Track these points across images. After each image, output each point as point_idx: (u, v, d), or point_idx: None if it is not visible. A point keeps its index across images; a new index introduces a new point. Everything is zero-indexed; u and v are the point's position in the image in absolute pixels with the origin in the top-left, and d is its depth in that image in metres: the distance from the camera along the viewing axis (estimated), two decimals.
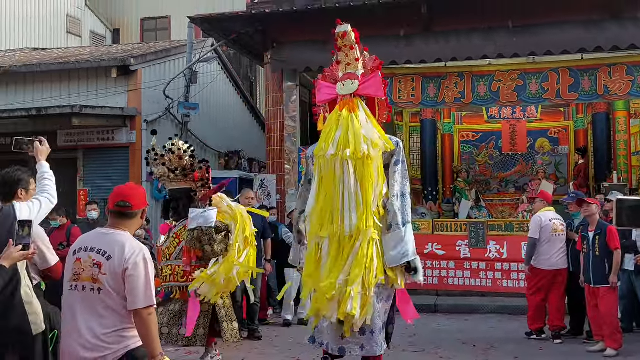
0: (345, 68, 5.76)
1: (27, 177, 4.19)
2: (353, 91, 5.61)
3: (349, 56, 5.77)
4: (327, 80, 5.87)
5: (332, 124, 5.57)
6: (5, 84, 12.89)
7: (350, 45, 5.75)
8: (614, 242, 7.14)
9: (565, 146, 14.71)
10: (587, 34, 10.61)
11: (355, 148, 5.33)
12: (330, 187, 5.40)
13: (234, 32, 12.22)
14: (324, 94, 5.86)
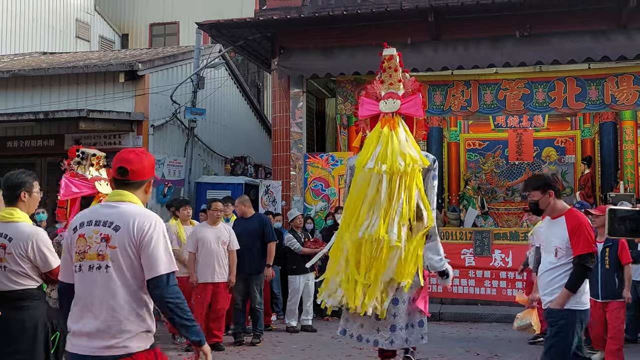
0: (387, 87, 6.37)
1: (30, 180, 4.18)
2: (395, 110, 6.23)
3: (393, 77, 6.39)
4: (370, 97, 6.49)
5: (373, 139, 6.19)
6: (14, 88, 12.98)
7: (395, 67, 6.38)
8: (626, 256, 6.75)
9: (572, 155, 14.66)
10: (594, 44, 10.61)
11: (392, 164, 5.92)
12: (360, 196, 6.00)
13: (242, 39, 12.27)
14: (367, 110, 6.46)
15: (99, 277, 2.92)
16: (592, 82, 11.33)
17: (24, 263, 3.94)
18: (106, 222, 2.98)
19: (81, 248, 2.98)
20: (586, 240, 4.47)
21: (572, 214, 4.62)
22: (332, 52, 11.69)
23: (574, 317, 4.47)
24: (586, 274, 4.49)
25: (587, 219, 4.75)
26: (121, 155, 3.16)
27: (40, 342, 3.96)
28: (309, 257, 9.44)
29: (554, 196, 4.62)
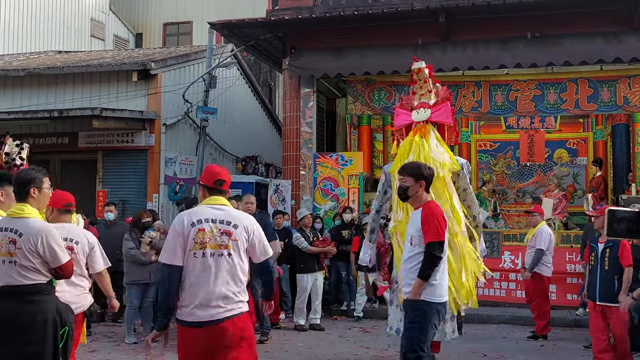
0: (419, 98, 7.01)
1: (40, 176, 4.23)
2: (426, 118, 6.84)
3: (423, 88, 7.04)
4: (404, 107, 7.14)
5: (406, 147, 6.83)
6: (29, 86, 13.14)
7: (424, 79, 7.04)
8: (626, 258, 6.42)
9: (584, 157, 14.59)
10: (606, 45, 10.56)
11: None
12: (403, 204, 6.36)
13: (253, 38, 12.35)
14: (401, 120, 7.12)
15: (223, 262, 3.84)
16: (604, 84, 11.27)
17: (34, 258, 4.00)
18: (223, 220, 3.91)
19: (201, 239, 3.82)
20: (435, 229, 4.54)
21: (428, 206, 4.70)
22: (343, 52, 11.73)
23: (429, 308, 4.51)
24: (435, 262, 4.53)
25: (441, 211, 4.73)
26: (214, 170, 4.10)
27: (49, 336, 4.01)
28: (317, 256, 9.54)
29: (423, 187, 4.70)
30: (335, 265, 10.68)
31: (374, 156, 14.57)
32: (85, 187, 12.73)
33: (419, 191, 4.72)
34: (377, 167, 14.56)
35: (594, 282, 6.52)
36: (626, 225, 1.82)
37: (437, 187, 6.47)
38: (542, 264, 8.72)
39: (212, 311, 3.74)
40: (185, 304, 3.78)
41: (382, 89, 12.22)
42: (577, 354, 7.78)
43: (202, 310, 3.74)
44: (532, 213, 9.34)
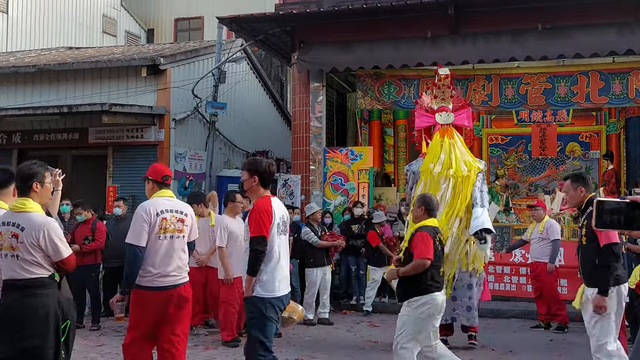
0: (440, 102, 7.62)
1: (42, 171, 4.25)
2: (450, 121, 7.46)
3: (445, 93, 7.68)
4: (425, 110, 7.71)
5: (436, 147, 7.40)
6: (40, 82, 13.23)
7: (448, 85, 7.72)
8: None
9: (596, 151, 14.44)
10: (618, 37, 10.42)
11: (457, 169, 7.19)
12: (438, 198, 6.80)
13: (262, 33, 12.33)
14: (423, 121, 7.71)
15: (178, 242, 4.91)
16: (615, 76, 11.13)
17: (36, 252, 4.02)
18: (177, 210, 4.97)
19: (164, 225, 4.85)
20: (257, 224, 4.51)
21: (257, 202, 4.68)
22: (352, 46, 11.67)
23: (262, 304, 4.50)
24: (257, 257, 4.51)
25: (267, 206, 4.60)
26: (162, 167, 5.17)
27: (51, 330, 4.02)
28: (327, 251, 9.53)
29: (257, 182, 4.66)
30: (345, 259, 10.68)
31: (385, 151, 14.52)
32: (95, 183, 12.81)
33: (253, 186, 4.69)
34: (388, 162, 14.53)
35: None
36: (615, 217, 1.78)
37: (464, 187, 7.14)
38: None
39: (171, 279, 4.83)
40: (150, 274, 4.76)
41: (392, 83, 12.17)
42: (586, 348, 7.68)
43: (164, 278, 4.80)
44: (536, 207, 9.49)
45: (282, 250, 4.69)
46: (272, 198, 4.73)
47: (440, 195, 7.09)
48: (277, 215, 4.62)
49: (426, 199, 5.64)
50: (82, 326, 8.44)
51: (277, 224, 4.62)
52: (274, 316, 4.56)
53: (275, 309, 4.57)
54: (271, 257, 4.58)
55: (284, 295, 4.64)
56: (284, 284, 4.67)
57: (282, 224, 4.70)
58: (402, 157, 14.33)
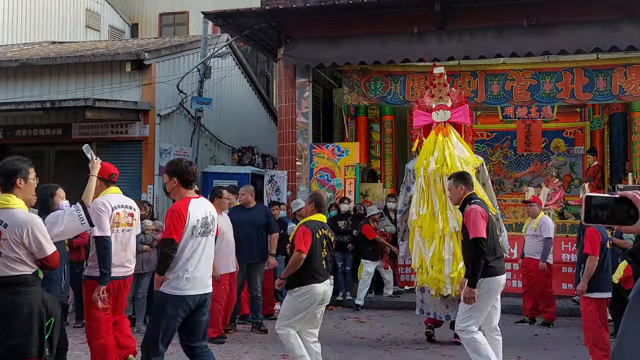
0: (437, 100, 7.73)
1: (26, 167, 4.19)
2: (446, 119, 7.55)
3: (442, 91, 7.77)
4: (421, 109, 7.84)
5: (430, 145, 7.51)
6: (23, 77, 13.06)
7: (444, 83, 7.83)
8: (588, 245, 6.23)
9: (580, 147, 14.57)
10: (603, 34, 10.48)
11: (451, 165, 7.21)
12: (429, 196, 7.33)
13: (247, 28, 12.27)
14: (421, 120, 7.82)
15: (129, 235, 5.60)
16: (600, 73, 11.21)
17: (19, 249, 3.97)
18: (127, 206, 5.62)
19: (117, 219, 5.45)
20: (167, 227, 4.63)
21: (173, 204, 4.77)
22: (338, 42, 11.65)
23: (164, 300, 4.60)
24: (164, 259, 4.62)
25: (181, 208, 4.62)
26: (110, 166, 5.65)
27: (35, 328, 3.98)
28: None
29: (178, 183, 4.70)
30: None
31: (371, 147, 14.52)
32: (79, 179, 12.58)
33: (175, 187, 4.72)
34: (374, 158, 14.53)
35: (576, 273, 6.65)
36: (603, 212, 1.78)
37: None
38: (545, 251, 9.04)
39: (124, 269, 5.53)
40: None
41: (378, 79, 12.16)
42: (571, 343, 7.77)
43: (120, 269, 5.44)
44: (531, 203, 9.49)
45: (201, 252, 4.70)
46: (194, 199, 4.75)
47: (444, 195, 7.22)
48: (193, 218, 4.64)
49: (317, 196, 5.94)
50: (66, 323, 8.35)
51: (193, 227, 4.63)
52: (174, 314, 4.59)
53: (176, 307, 4.60)
54: (181, 257, 4.62)
55: (192, 295, 4.65)
56: (195, 284, 4.67)
57: (202, 225, 4.70)
58: (388, 153, 14.35)
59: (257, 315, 8.44)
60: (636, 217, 1.72)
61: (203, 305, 4.77)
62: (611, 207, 1.77)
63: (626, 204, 1.75)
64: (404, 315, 9.71)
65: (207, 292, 4.79)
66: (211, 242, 4.84)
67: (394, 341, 7.93)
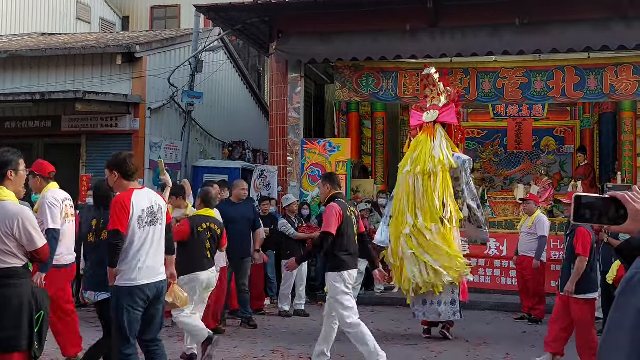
0: (431, 100, 7.91)
1: (16, 158, 4.17)
2: (434, 119, 7.68)
3: (433, 92, 7.91)
4: (418, 109, 8.00)
5: (413, 145, 7.75)
6: (12, 68, 12.94)
7: (433, 84, 7.92)
8: (579, 246, 6.22)
9: (571, 145, 14.63)
10: (594, 33, 10.52)
11: (424, 166, 7.41)
12: (403, 195, 7.57)
13: (240, 22, 12.21)
14: (415, 120, 7.97)
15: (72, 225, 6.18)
16: (591, 72, 11.25)
17: (10, 242, 3.94)
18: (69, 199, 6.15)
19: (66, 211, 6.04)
20: (112, 218, 4.66)
21: (117, 195, 4.81)
22: (331, 38, 11.62)
23: (119, 292, 4.65)
24: (113, 250, 4.67)
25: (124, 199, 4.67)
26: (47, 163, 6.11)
27: (24, 320, 3.96)
28: (304, 242, 9.51)
29: (119, 176, 4.76)
30: None
31: (362, 143, 14.52)
32: (68, 172, 12.58)
33: (117, 181, 4.79)
34: (366, 154, 14.53)
35: (561, 272, 6.54)
36: (592, 212, 1.80)
37: (430, 182, 7.39)
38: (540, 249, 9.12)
39: (71, 257, 6.12)
40: (62, 254, 5.87)
41: (370, 75, 12.15)
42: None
43: (69, 256, 6.09)
44: (527, 201, 9.51)
45: (149, 241, 4.75)
46: (137, 190, 4.79)
47: (413, 196, 7.48)
48: (137, 208, 4.68)
49: (204, 192, 6.80)
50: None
51: (139, 217, 4.68)
52: (132, 304, 4.63)
53: (133, 298, 4.65)
54: (131, 248, 4.67)
55: (146, 284, 4.70)
56: (147, 273, 4.72)
57: (148, 215, 4.75)
58: (379, 149, 14.35)
59: (246, 309, 8.43)
60: (625, 217, 1.74)
61: (159, 296, 4.83)
62: (600, 207, 1.80)
63: (615, 204, 1.77)
64: (394, 311, 9.74)
65: (161, 280, 4.85)
66: (161, 231, 4.89)
67: (383, 337, 7.92)
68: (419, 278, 7.40)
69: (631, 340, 1.32)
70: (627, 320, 1.34)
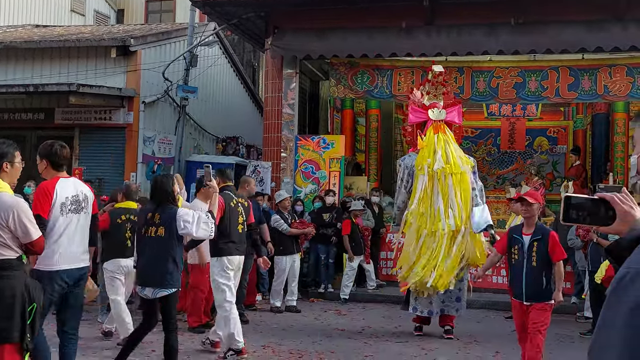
0: (432, 98, 7.83)
1: (12, 150, 4.16)
2: (442, 118, 7.71)
3: (438, 90, 7.89)
4: (415, 105, 7.91)
5: (431, 144, 7.61)
6: (5, 60, 12.86)
7: (441, 82, 7.94)
8: (559, 252, 5.61)
9: (563, 146, 14.70)
10: (589, 34, 10.55)
11: (453, 165, 7.46)
12: (431, 194, 7.48)
13: (235, 17, 12.18)
14: (416, 117, 7.92)
15: None
16: (585, 72, 11.31)
17: (4, 233, 3.92)
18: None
19: None
20: (33, 205, 4.68)
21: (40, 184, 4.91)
22: (326, 34, 11.62)
23: (38, 277, 4.63)
24: None
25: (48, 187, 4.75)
26: None
27: (17, 312, 3.94)
28: (296, 238, 9.53)
29: (48, 165, 4.86)
30: (315, 247, 10.68)
31: (356, 140, 14.53)
32: None
33: (45, 169, 4.88)
34: (359, 151, 14.55)
35: (519, 280, 5.64)
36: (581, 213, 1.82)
37: (463, 180, 7.49)
38: None
39: None
40: None
41: (365, 72, 12.16)
42: (548, 339, 7.84)
43: None
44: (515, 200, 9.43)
45: (74, 228, 4.83)
46: (63, 179, 4.86)
47: (443, 194, 7.48)
48: (61, 195, 4.75)
49: (126, 187, 7.46)
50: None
51: (62, 204, 4.75)
52: (50, 289, 4.69)
53: (52, 283, 4.72)
54: (52, 234, 4.72)
55: (66, 269, 4.79)
56: (68, 259, 4.80)
57: (73, 203, 4.83)
58: (373, 146, 14.37)
59: (240, 305, 8.42)
60: (614, 218, 1.76)
61: (78, 284, 4.89)
62: (589, 208, 1.81)
63: (604, 205, 1.79)
64: (385, 308, 9.77)
65: (81, 267, 4.92)
66: (85, 219, 4.96)
67: (374, 334, 7.97)
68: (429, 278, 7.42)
69: (623, 339, 1.34)
70: (619, 319, 1.36)
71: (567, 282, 10.18)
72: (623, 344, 1.32)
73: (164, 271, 5.29)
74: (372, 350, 7.08)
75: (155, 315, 5.54)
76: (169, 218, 5.34)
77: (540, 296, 5.57)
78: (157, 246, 5.34)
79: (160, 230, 5.34)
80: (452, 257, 7.42)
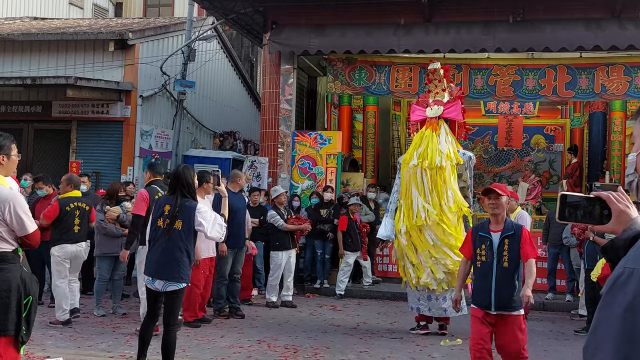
0: (434, 95, 7.89)
1: (8, 143, 4.12)
2: (438, 114, 7.73)
3: (438, 87, 7.91)
4: (420, 104, 7.99)
5: (417, 140, 7.77)
6: (3, 52, 12.83)
7: (439, 79, 7.91)
8: (531, 250, 4.91)
9: (560, 144, 14.72)
10: (587, 32, 10.57)
11: (431, 160, 7.45)
12: (411, 189, 7.58)
13: (234, 12, 12.16)
14: (417, 115, 8.00)
15: None
16: (582, 71, 11.32)
17: (0, 226, 3.91)
18: None
19: None
20: None
21: None
22: (324, 30, 11.61)
23: None
24: None
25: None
26: None
27: (12, 305, 3.93)
28: (292, 234, 9.53)
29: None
30: (311, 243, 10.70)
31: (353, 136, 14.54)
32: (58, 158, 12.55)
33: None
34: (356, 148, 14.55)
35: (487, 285, 4.89)
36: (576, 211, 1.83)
37: (439, 175, 7.45)
38: None
39: None
40: None
41: (363, 69, 12.15)
42: (543, 337, 7.91)
43: None
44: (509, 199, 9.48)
45: None
46: None
47: (420, 189, 7.54)
48: None
49: (71, 177, 7.87)
50: (41, 303, 8.28)
51: None
52: None
53: None
54: None
55: None
56: None
57: None
58: (370, 143, 14.38)
59: (235, 299, 8.45)
60: (609, 217, 1.77)
61: None
62: (585, 207, 1.82)
63: (600, 204, 1.79)
64: (381, 304, 9.80)
65: None
66: None
67: (369, 330, 7.99)
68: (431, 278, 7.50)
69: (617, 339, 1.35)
70: (614, 318, 1.37)
71: (562, 280, 10.23)
72: (618, 343, 1.33)
73: (176, 265, 5.19)
74: (366, 346, 7.09)
75: (159, 305, 5.44)
76: (189, 212, 5.25)
77: (512, 304, 4.86)
78: (173, 239, 5.22)
79: (177, 224, 5.24)
80: (423, 254, 7.54)
